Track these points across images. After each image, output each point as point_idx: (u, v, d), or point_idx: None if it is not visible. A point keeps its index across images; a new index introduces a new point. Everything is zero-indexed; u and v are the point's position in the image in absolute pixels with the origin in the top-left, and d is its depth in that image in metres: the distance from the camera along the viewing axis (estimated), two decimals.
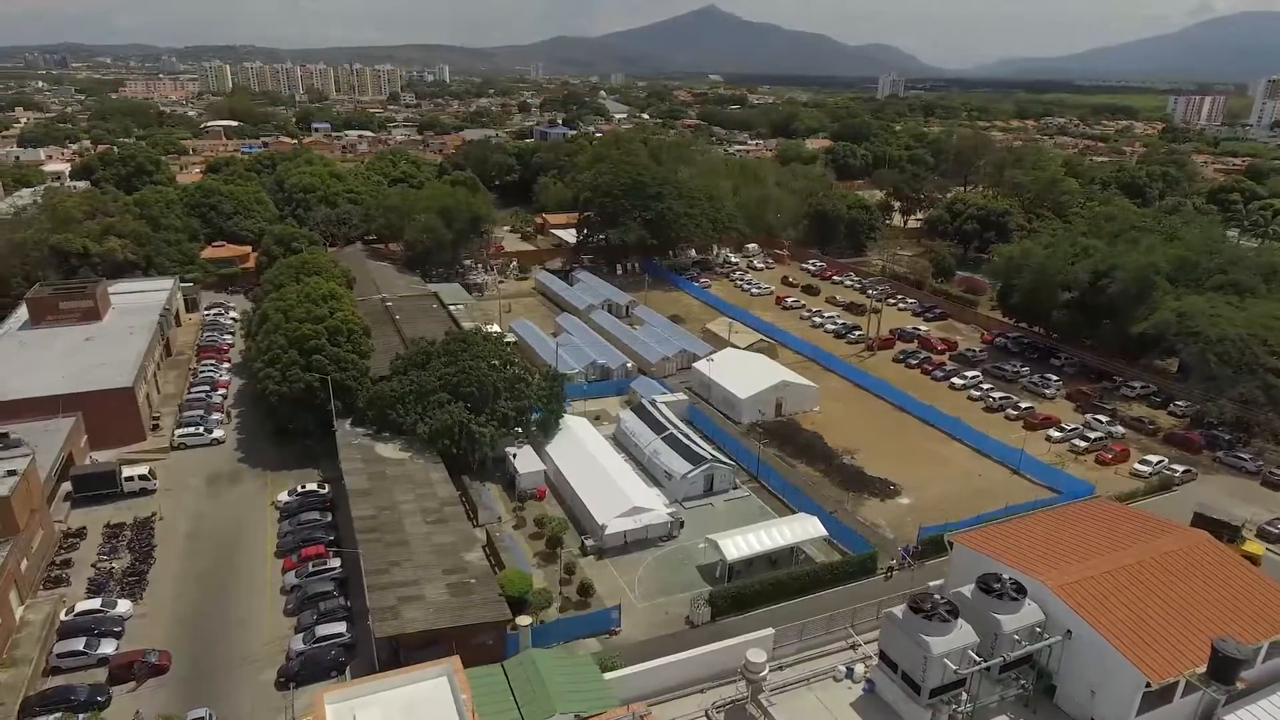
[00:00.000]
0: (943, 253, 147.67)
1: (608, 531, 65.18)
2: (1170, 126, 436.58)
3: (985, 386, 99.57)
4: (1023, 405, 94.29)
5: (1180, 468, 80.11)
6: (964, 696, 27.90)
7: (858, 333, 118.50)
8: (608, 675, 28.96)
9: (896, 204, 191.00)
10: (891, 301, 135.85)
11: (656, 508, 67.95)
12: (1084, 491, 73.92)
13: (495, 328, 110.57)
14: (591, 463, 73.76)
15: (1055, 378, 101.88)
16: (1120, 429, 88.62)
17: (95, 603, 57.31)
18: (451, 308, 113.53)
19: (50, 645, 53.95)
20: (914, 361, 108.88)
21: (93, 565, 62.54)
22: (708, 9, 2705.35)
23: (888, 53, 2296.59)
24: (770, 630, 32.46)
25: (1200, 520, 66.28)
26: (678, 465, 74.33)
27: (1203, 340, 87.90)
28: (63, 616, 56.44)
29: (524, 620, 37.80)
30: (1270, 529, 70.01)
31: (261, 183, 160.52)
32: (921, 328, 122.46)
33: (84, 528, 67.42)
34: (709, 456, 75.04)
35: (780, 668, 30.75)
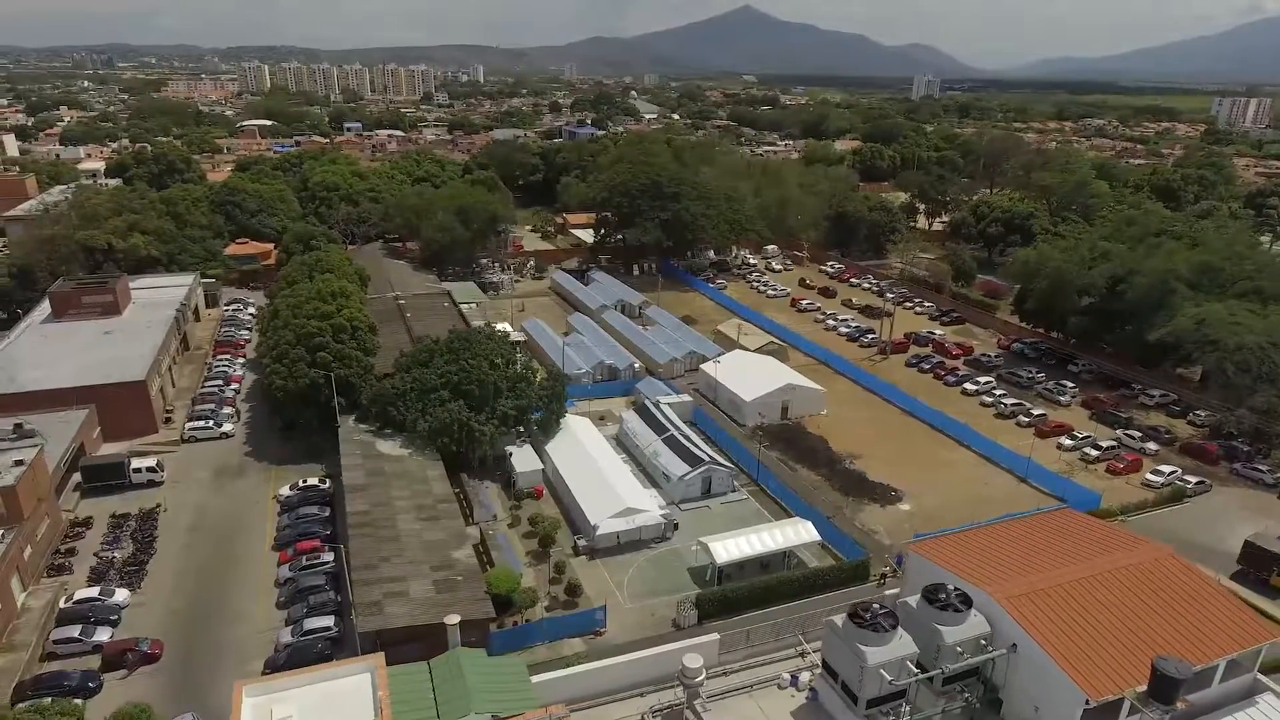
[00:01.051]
0: (963, 256, 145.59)
1: (600, 532, 65.19)
2: (1212, 129, 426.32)
3: (998, 392, 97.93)
4: (1035, 412, 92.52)
5: (1193, 479, 78.11)
6: (905, 709, 27.45)
7: (871, 336, 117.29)
8: (541, 677, 28.98)
9: (921, 206, 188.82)
10: (909, 305, 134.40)
11: (650, 509, 67.80)
12: (1090, 501, 72.75)
13: (506, 326, 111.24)
14: (589, 463, 73.84)
15: (1071, 384, 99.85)
16: (1154, 445, 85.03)
17: (94, 591, 58.64)
18: (464, 306, 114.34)
19: (49, 631, 55.31)
20: (927, 366, 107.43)
21: (95, 554, 63.96)
22: (743, 9, 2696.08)
23: (926, 52, 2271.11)
24: (715, 636, 32.21)
25: (1251, 549, 64.19)
26: (676, 467, 74.14)
27: (1221, 348, 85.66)
28: (62, 604, 57.82)
29: (451, 619, 37.98)
30: None
31: (286, 181, 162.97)
32: (937, 332, 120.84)
33: (90, 517, 69.01)
34: (707, 459, 74.71)
35: (725, 673, 30.54)
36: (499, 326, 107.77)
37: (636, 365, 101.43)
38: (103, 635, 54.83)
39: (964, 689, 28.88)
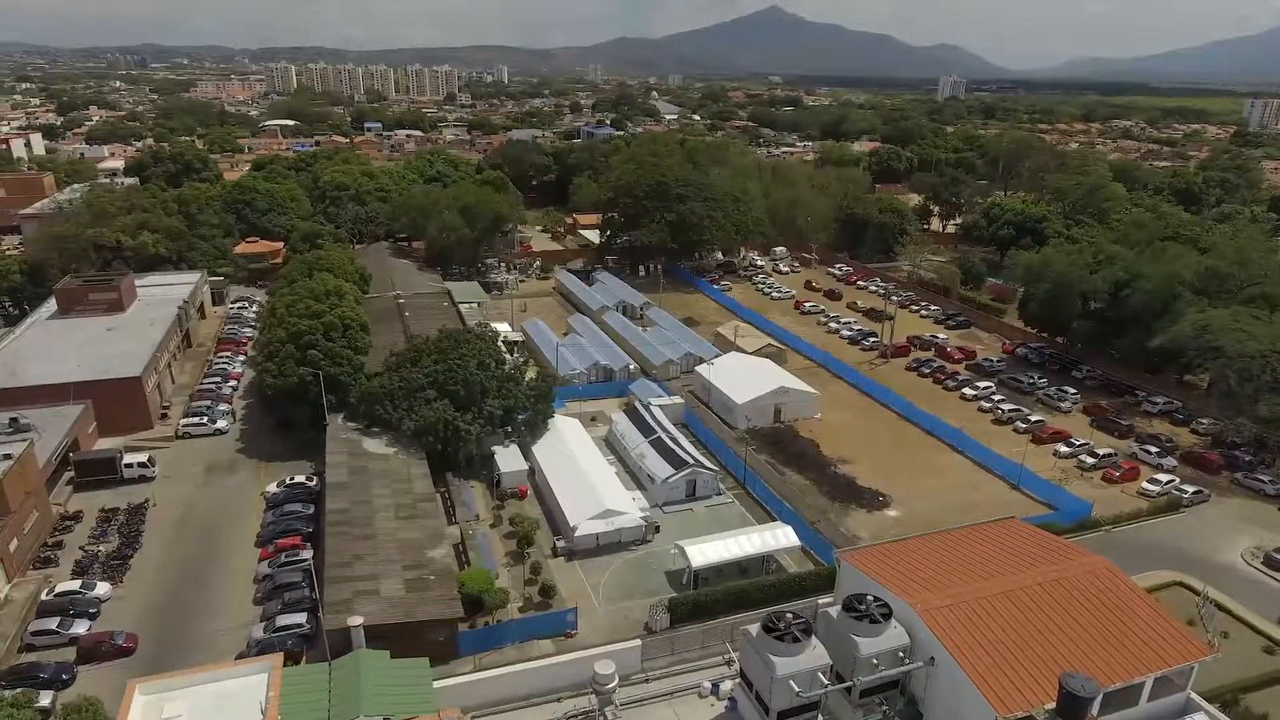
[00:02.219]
0: (972, 259, 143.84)
1: (578, 533, 65.08)
2: (1243, 131, 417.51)
3: (997, 398, 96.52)
4: (1032, 418, 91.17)
5: (1191, 488, 76.45)
6: None
7: (873, 339, 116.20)
8: (448, 681, 28.86)
9: (935, 209, 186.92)
10: (915, 308, 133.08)
11: (630, 511, 67.54)
12: (1081, 510, 71.64)
13: (506, 326, 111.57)
14: (572, 464, 73.76)
15: (1073, 390, 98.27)
16: (1173, 461, 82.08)
17: (75, 584, 59.47)
18: (467, 306, 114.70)
19: (28, 623, 56.14)
20: (927, 370, 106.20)
21: (81, 548, 64.88)
22: (771, 9, 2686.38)
23: (954, 53, 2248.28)
24: (637, 642, 31.93)
25: None
26: (660, 469, 73.83)
27: (1224, 355, 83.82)
28: (44, 596, 58.69)
29: (355, 620, 37.91)
30: (1278, 556, 66.44)
31: (298, 180, 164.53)
32: (940, 335, 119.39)
33: (80, 511, 70.05)
34: (691, 461, 74.32)
35: (647, 680, 30.27)
36: (499, 326, 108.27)
37: (632, 366, 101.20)
38: (80, 628, 55.58)
39: (883, 701, 28.37)
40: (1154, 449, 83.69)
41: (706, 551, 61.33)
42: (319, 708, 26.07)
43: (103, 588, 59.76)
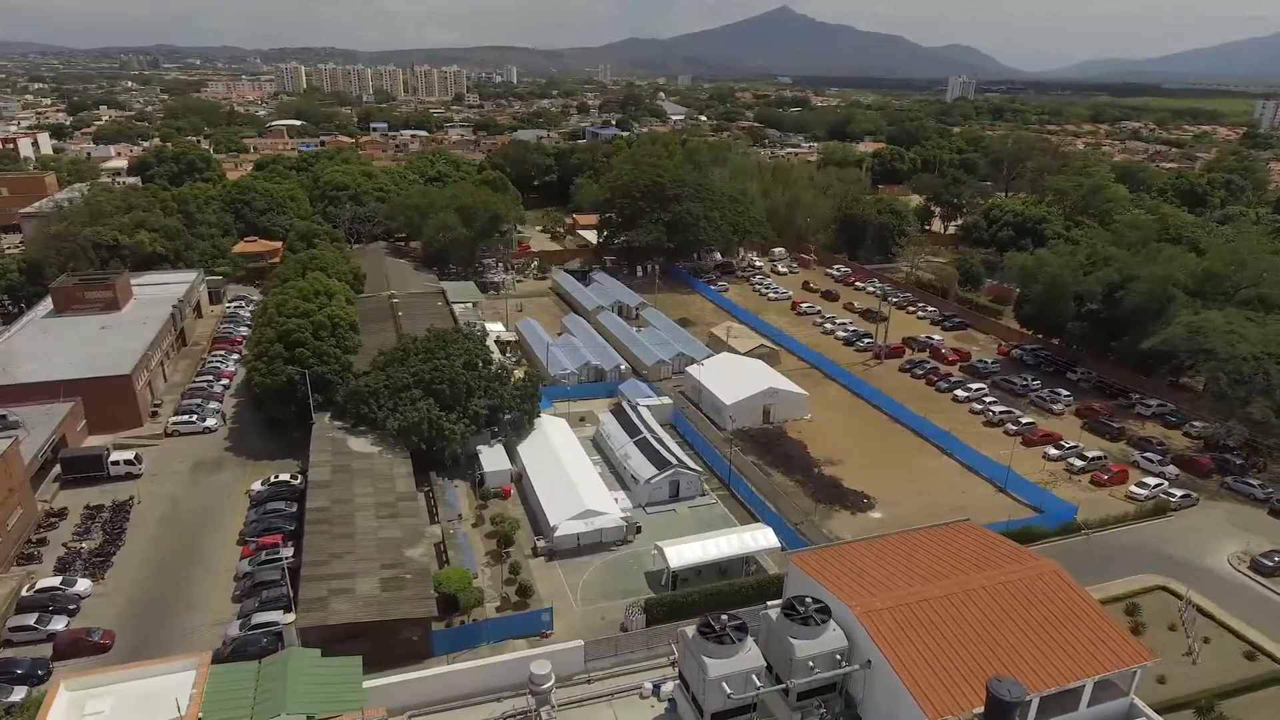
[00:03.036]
0: (971, 260, 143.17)
1: (558, 533, 65.06)
2: (1253, 132, 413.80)
3: (988, 400, 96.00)
4: (1023, 420, 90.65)
5: (1179, 492, 75.80)
6: None
7: (867, 340, 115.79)
8: (380, 680, 28.84)
9: (936, 209, 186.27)
10: (911, 309, 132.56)
11: (611, 511, 67.47)
12: (1066, 512, 71.26)
13: (500, 326, 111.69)
14: (556, 464, 73.75)
15: (1066, 393, 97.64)
16: (1174, 469, 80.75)
17: (56, 580, 59.82)
18: (461, 306, 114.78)
19: (7, 619, 56.47)
20: (920, 371, 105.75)
21: (64, 545, 65.24)
22: (780, 10, 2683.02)
23: (966, 54, 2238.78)
24: (579, 643, 31.82)
25: None
26: (643, 469, 73.76)
27: (1216, 358, 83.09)
28: (24, 592, 59.03)
29: (287, 618, 37.86)
30: (1265, 561, 65.83)
31: (299, 180, 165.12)
32: (936, 337, 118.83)
33: (65, 508, 70.44)
34: (675, 462, 74.20)
35: (589, 680, 30.21)
36: (494, 326, 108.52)
37: (623, 367, 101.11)
38: (58, 624, 55.87)
39: (821, 704, 28.16)
40: (1155, 456, 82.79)
41: (684, 552, 61.18)
42: (244, 705, 26.11)
43: (83, 584, 60.06)
